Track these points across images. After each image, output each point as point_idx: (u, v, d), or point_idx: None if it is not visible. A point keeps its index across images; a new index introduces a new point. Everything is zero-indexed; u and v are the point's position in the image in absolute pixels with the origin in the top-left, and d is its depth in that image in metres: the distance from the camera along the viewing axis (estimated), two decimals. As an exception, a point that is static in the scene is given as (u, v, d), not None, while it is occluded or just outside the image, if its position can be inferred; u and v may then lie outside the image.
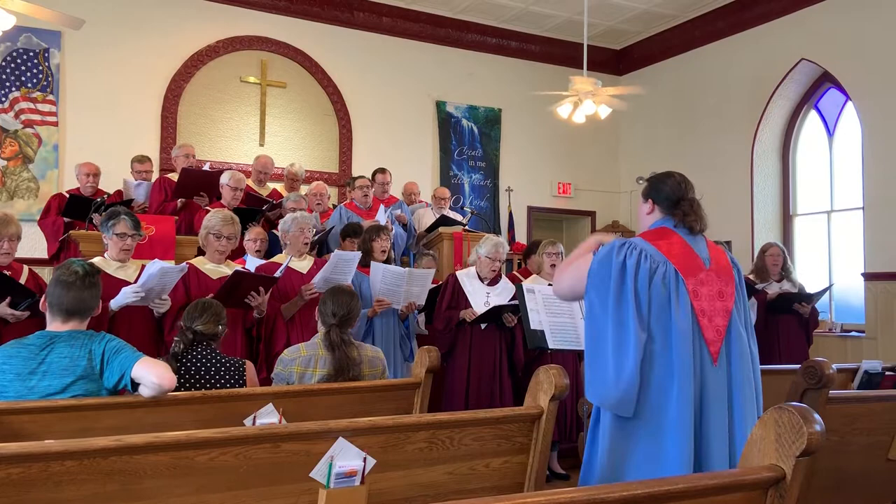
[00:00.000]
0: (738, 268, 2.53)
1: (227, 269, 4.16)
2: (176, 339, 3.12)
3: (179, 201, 5.58)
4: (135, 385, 2.46)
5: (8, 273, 3.70)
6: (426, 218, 6.87)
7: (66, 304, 2.54)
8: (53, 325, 2.56)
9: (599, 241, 2.58)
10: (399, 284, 4.61)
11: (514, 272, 6.01)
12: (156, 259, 3.82)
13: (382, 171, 6.77)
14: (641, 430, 2.29)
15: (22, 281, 3.78)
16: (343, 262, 4.28)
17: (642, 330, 2.28)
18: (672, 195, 2.51)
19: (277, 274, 4.14)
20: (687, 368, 2.27)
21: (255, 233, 4.79)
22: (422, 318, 5.25)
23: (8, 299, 3.53)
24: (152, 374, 2.42)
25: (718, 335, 2.36)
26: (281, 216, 5.28)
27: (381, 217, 5.87)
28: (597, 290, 2.39)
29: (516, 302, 4.66)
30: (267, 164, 6.60)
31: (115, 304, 3.62)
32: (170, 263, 3.92)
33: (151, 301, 3.76)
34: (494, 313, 4.67)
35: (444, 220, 6.59)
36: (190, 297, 3.84)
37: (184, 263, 3.92)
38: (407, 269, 4.88)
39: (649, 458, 2.26)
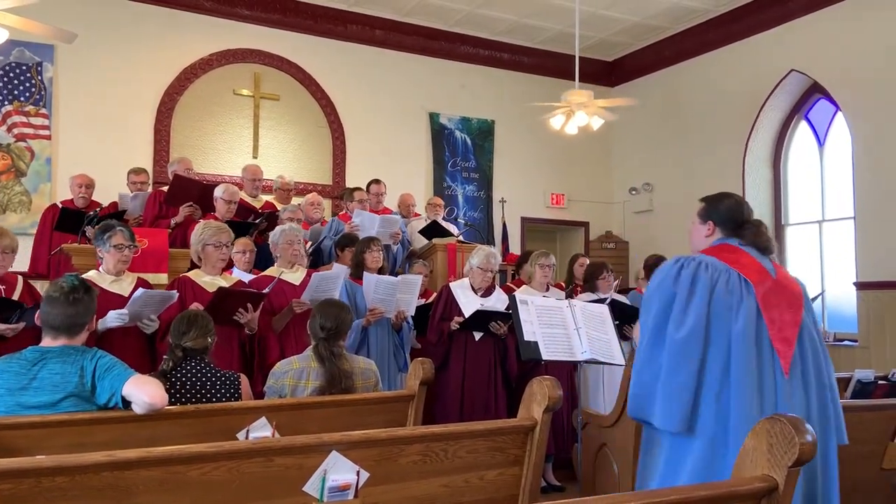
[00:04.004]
0: (804, 285, 2.47)
1: (223, 282, 4.12)
2: (165, 356, 3.09)
3: (173, 221, 5.51)
4: (126, 403, 2.44)
5: (1, 287, 3.67)
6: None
7: (51, 320, 2.53)
8: (46, 340, 2.55)
9: None
10: (392, 294, 4.61)
11: (509, 283, 6.00)
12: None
13: (377, 181, 6.77)
14: (697, 444, 2.21)
15: (17, 293, 3.73)
16: (325, 282, 4.20)
17: (698, 342, 2.23)
18: (736, 217, 2.45)
19: (266, 290, 4.07)
20: (747, 377, 2.20)
21: (241, 244, 4.70)
22: (413, 333, 5.20)
23: None
24: (143, 393, 2.41)
25: (788, 346, 2.28)
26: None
27: (373, 226, 5.84)
28: (652, 308, 2.35)
29: (504, 310, 4.66)
30: (257, 171, 6.57)
31: (101, 325, 3.57)
32: (159, 290, 3.83)
33: (139, 321, 3.70)
34: (479, 318, 4.66)
35: (435, 227, 6.57)
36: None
37: (173, 291, 3.82)
38: (399, 276, 4.87)
39: (706, 471, 2.18)
